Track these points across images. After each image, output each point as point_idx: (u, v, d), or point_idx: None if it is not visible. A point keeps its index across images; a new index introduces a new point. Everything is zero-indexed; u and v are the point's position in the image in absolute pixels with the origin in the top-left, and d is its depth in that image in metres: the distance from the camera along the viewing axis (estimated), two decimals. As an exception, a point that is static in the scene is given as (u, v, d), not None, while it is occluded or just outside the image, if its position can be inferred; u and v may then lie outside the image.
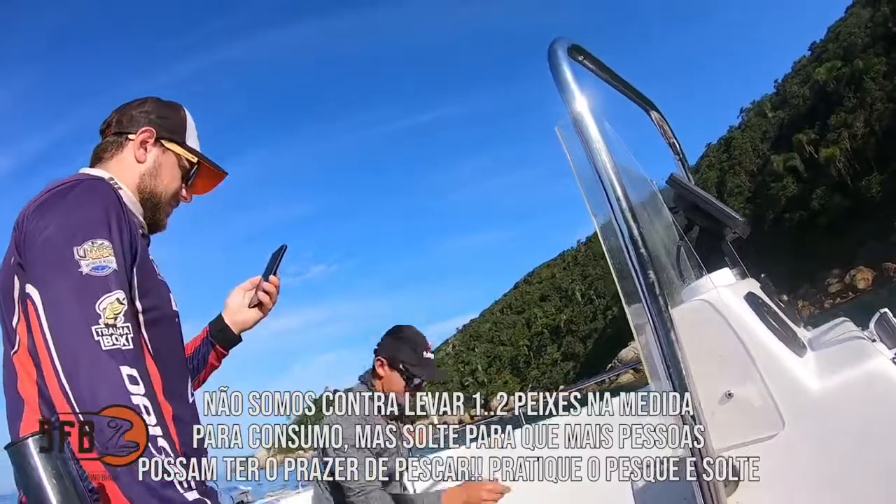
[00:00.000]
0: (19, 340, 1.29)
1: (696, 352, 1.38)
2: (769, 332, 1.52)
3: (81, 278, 1.21)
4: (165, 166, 1.58)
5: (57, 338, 1.17)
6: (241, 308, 1.79)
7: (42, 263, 1.24)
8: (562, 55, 1.47)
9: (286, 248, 1.82)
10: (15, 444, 0.96)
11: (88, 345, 1.16)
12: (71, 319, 1.18)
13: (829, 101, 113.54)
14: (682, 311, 1.54)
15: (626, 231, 1.36)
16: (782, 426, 1.41)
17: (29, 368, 1.27)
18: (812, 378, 1.45)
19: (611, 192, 1.38)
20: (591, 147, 1.40)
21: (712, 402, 1.46)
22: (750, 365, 1.46)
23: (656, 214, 1.89)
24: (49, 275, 1.22)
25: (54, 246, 1.24)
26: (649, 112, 2.46)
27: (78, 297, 1.20)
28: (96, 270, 1.22)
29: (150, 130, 1.56)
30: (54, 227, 1.26)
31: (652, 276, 1.34)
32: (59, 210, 1.29)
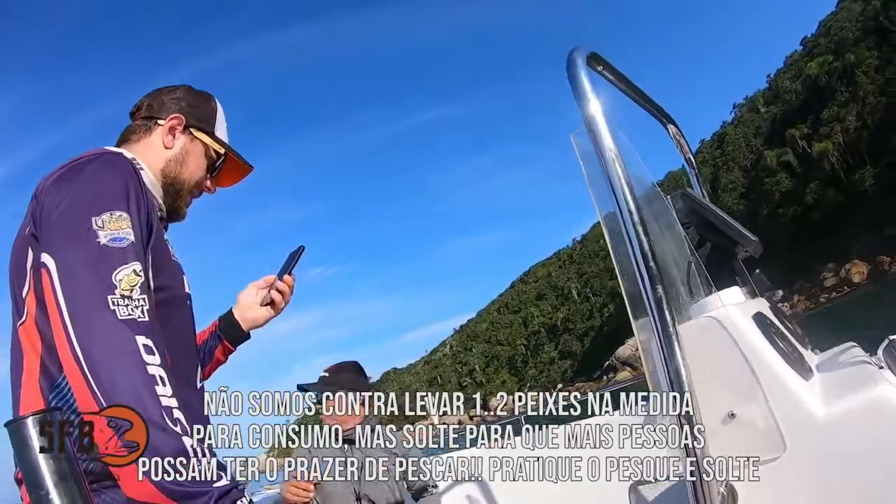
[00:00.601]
0: (27, 311, 1.28)
1: (701, 369, 1.36)
2: (776, 353, 1.50)
3: (99, 248, 1.19)
4: (192, 154, 1.58)
5: (71, 306, 1.15)
6: (253, 305, 1.78)
7: (59, 233, 1.22)
8: (580, 64, 1.46)
9: (304, 249, 1.81)
10: (14, 423, 0.95)
11: (104, 314, 1.14)
12: (86, 288, 1.17)
13: (821, 96, 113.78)
14: (689, 328, 1.52)
15: (637, 244, 1.35)
16: (784, 449, 1.40)
17: (34, 341, 1.26)
18: (817, 402, 1.43)
19: (623, 205, 1.37)
20: (606, 158, 1.39)
21: (715, 421, 1.45)
22: (755, 385, 1.45)
23: (668, 229, 1.88)
24: (65, 244, 1.21)
25: (72, 216, 1.23)
26: (666, 126, 2.45)
27: (94, 267, 1.18)
28: (114, 241, 1.21)
29: (180, 117, 1.56)
30: (72, 198, 1.25)
31: (660, 291, 1.33)
32: (77, 181, 1.28)
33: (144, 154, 1.51)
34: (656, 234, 1.62)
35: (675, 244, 1.88)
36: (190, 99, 1.61)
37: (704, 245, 2.11)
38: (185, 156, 1.56)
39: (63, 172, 1.31)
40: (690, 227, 2.05)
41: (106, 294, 1.16)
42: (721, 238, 1.99)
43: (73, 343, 1.12)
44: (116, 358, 1.12)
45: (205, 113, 1.63)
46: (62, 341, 1.14)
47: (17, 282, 1.31)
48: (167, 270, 1.39)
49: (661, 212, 1.91)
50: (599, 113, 1.42)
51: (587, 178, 1.51)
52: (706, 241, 2.09)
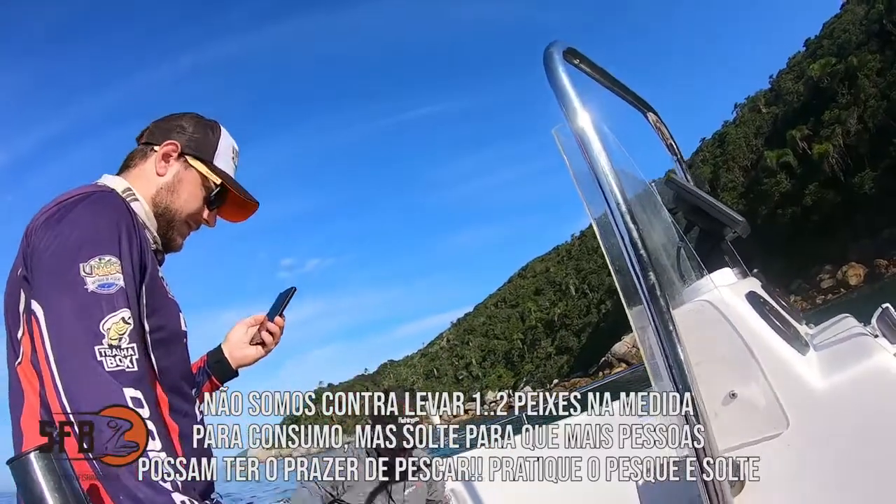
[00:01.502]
0: (23, 352, 1.27)
1: (699, 352, 1.38)
2: (771, 330, 1.51)
3: (87, 296, 1.18)
4: (185, 183, 1.53)
5: (59, 359, 1.14)
6: (243, 344, 1.76)
7: (47, 279, 1.22)
8: (558, 59, 1.47)
9: (295, 291, 1.78)
10: (17, 459, 0.95)
11: (90, 366, 1.13)
12: (73, 340, 1.16)
13: (822, 98, 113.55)
14: (683, 312, 1.54)
15: (626, 233, 1.36)
16: (787, 425, 1.41)
17: (32, 380, 1.26)
18: (816, 376, 1.44)
19: (609, 195, 1.37)
20: (589, 150, 1.39)
21: (716, 402, 1.46)
22: (753, 364, 1.46)
23: (655, 216, 1.89)
24: (53, 292, 1.20)
25: (59, 262, 1.22)
26: (646, 114, 2.45)
27: (81, 316, 1.17)
28: (102, 288, 1.20)
29: (175, 144, 1.52)
30: (60, 242, 1.23)
31: (652, 278, 1.33)
32: (65, 224, 1.26)
33: (138, 182, 1.48)
34: (644, 221, 1.63)
35: (663, 230, 1.89)
36: (192, 127, 1.57)
37: (692, 229, 2.12)
38: (177, 184, 1.51)
39: (52, 213, 1.29)
40: (678, 213, 2.06)
41: (93, 345, 1.15)
42: (708, 221, 2.00)
43: (60, 396, 1.12)
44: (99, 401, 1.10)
45: (204, 141, 1.57)
46: (51, 392, 1.13)
47: (12, 322, 1.30)
48: (162, 310, 1.38)
49: (647, 199, 1.91)
50: (580, 107, 1.42)
51: (572, 172, 1.51)
52: (694, 225, 2.10)
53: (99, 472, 1.08)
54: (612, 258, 1.48)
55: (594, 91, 1.86)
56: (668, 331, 1.32)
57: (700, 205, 1.99)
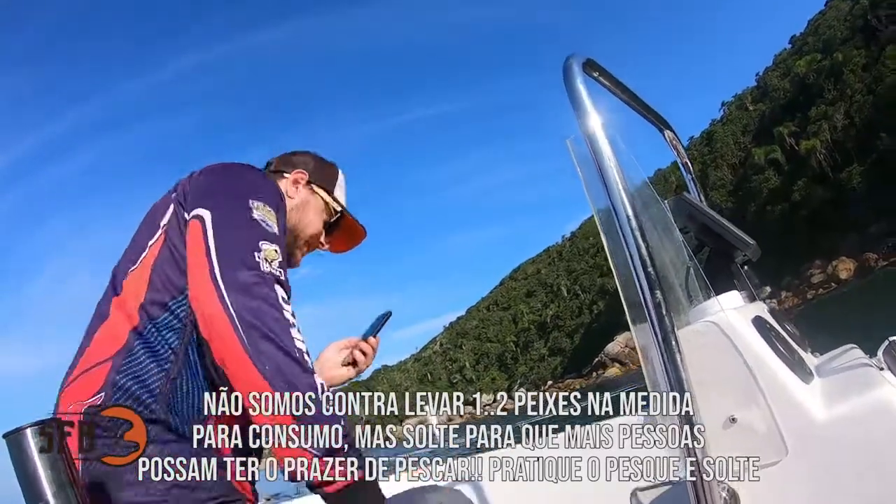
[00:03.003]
0: (145, 256, 1.34)
1: (702, 374, 1.36)
2: (776, 356, 1.50)
3: (252, 219, 1.28)
4: (311, 206, 1.69)
5: (221, 249, 1.21)
6: (336, 365, 1.82)
7: (220, 195, 1.33)
8: (577, 71, 1.47)
9: (390, 315, 1.86)
10: (13, 433, 0.94)
11: (250, 262, 1.20)
12: (237, 239, 1.24)
13: (809, 94, 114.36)
14: (688, 333, 1.53)
15: (636, 251, 1.36)
16: (786, 453, 1.41)
17: (139, 285, 1.30)
18: (818, 405, 1.44)
19: (621, 211, 1.38)
20: (603, 165, 1.39)
21: (716, 426, 1.45)
22: (755, 389, 1.45)
23: (666, 234, 1.89)
24: (224, 202, 1.31)
25: (233, 187, 1.36)
26: (663, 131, 2.46)
27: (246, 227, 1.26)
28: (263, 222, 1.29)
29: (304, 173, 1.70)
30: (235, 179, 1.41)
31: (659, 297, 1.33)
32: (239, 172, 1.45)
33: None
34: (655, 239, 1.64)
35: (673, 249, 1.88)
36: (315, 161, 1.75)
37: (703, 250, 2.12)
38: (304, 206, 1.67)
39: (227, 165, 1.47)
40: (689, 232, 2.06)
41: (253, 250, 1.22)
42: (719, 242, 2.00)
43: (218, 284, 1.16)
44: (263, 304, 1.16)
45: (327, 173, 1.76)
46: (204, 280, 1.18)
47: (145, 232, 1.38)
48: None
49: (658, 217, 1.92)
50: (597, 121, 1.42)
51: (585, 183, 1.51)
52: (704, 245, 2.10)
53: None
54: (619, 273, 1.48)
55: (611, 105, 1.86)
56: (672, 350, 1.32)
57: (711, 226, 1.99)
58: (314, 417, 1.12)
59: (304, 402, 1.11)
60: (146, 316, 1.26)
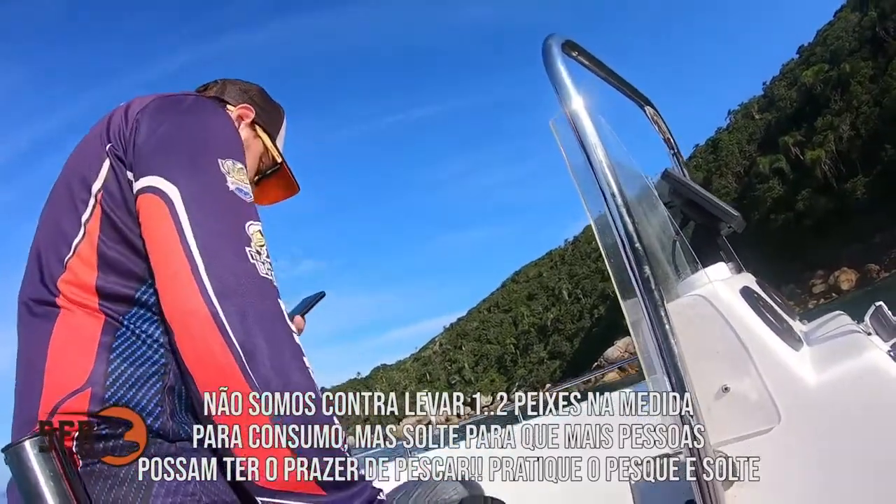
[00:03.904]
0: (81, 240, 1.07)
1: (693, 346, 1.38)
2: (765, 325, 1.52)
3: (229, 193, 1.04)
4: (251, 151, 1.43)
5: (205, 245, 0.98)
6: None
7: (179, 160, 1.05)
8: (556, 51, 1.48)
9: (324, 296, 1.71)
10: (12, 447, 0.89)
11: (244, 263, 0.99)
12: (221, 232, 1.01)
13: (815, 104, 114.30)
14: (677, 306, 1.54)
15: (622, 226, 1.37)
16: (778, 420, 1.42)
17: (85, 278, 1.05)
18: (808, 372, 1.45)
19: (606, 188, 1.38)
20: (586, 143, 1.40)
21: (709, 396, 1.47)
22: (746, 359, 1.47)
23: (651, 210, 1.90)
24: (192, 175, 1.04)
25: (197, 147, 1.08)
26: (644, 107, 2.47)
27: (226, 212, 1.03)
28: (241, 193, 1.06)
29: (251, 110, 1.45)
30: (194, 129, 1.11)
31: (647, 271, 1.34)
32: (196, 114, 1.15)
33: None
34: (641, 214, 1.65)
35: (659, 224, 1.90)
36: (262, 99, 1.51)
37: (688, 223, 2.13)
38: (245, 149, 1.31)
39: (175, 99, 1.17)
40: (674, 207, 2.06)
41: (243, 244, 1.01)
42: (704, 216, 2.00)
43: (207, 292, 0.94)
44: (272, 322, 0.98)
45: (273, 118, 1.52)
46: (187, 277, 0.96)
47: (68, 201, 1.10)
48: None
49: (644, 192, 1.93)
50: (578, 99, 1.43)
51: (569, 164, 1.52)
52: (689, 219, 2.11)
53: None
54: (607, 250, 1.49)
55: (593, 85, 1.87)
56: (662, 324, 1.33)
57: (695, 199, 1.99)
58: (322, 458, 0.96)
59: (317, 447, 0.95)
60: (113, 312, 1.04)
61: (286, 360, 0.97)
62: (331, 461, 0.96)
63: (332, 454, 0.96)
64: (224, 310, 0.94)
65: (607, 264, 1.50)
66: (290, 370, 0.97)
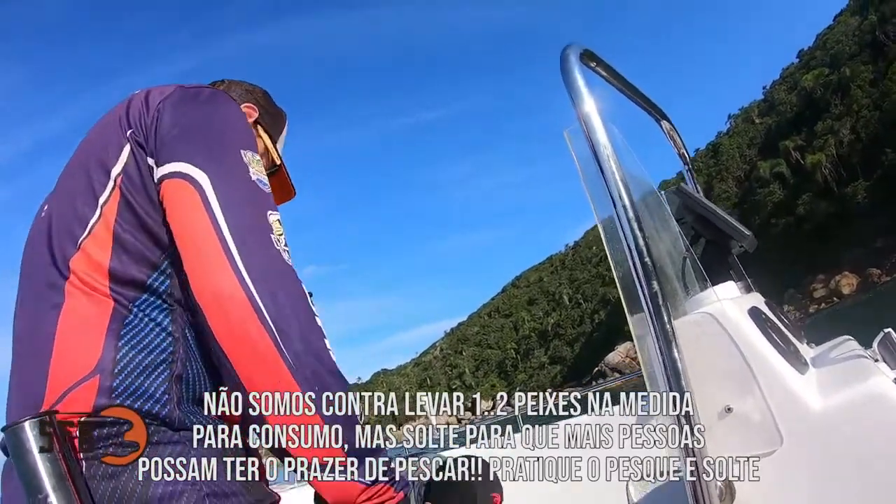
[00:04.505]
0: (97, 221, 1.07)
1: (698, 364, 1.37)
2: (771, 347, 1.51)
3: (252, 182, 1.08)
4: None
5: (236, 231, 1.01)
6: None
7: (207, 145, 1.09)
8: (574, 60, 1.47)
9: (310, 295, 1.73)
10: (11, 427, 0.90)
11: (273, 251, 1.04)
12: (249, 218, 1.04)
13: (816, 108, 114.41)
14: (684, 323, 1.53)
15: (632, 240, 1.35)
16: (781, 443, 1.41)
17: (99, 260, 1.05)
18: (813, 396, 1.44)
19: (618, 201, 1.37)
20: (600, 154, 1.39)
21: (712, 415, 1.45)
22: (751, 380, 1.45)
23: (662, 225, 1.89)
24: (218, 158, 1.07)
25: (221, 137, 1.12)
26: (660, 122, 2.46)
27: (251, 200, 1.07)
28: (261, 183, 1.10)
29: (255, 109, 1.47)
30: (217, 120, 1.14)
31: (655, 287, 1.32)
32: (216, 106, 1.17)
33: None
34: (651, 229, 1.64)
35: (670, 239, 1.88)
36: (266, 100, 1.54)
37: (699, 240, 2.12)
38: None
39: (192, 91, 1.19)
40: (685, 223, 2.06)
41: (268, 232, 1.05)
42: (716, 233, 1.99)
43: (239, 270, 0.98)
44: (299, 303, 1.04)
45: (276, 120, 1.55)
46: (221, 261, 0.99)
47: (84, 182, 1.11)
48: None
49: (655, 207, 1.92)
50: (594, 110, 1.42)
51: (582, 174, 1.52)
52: (701, 236, 2.10)
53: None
54: (615, 264, 1.49)
55: (609, 96, 1.86)
56: (668, 340, 1.32)
57: (708, 216, 1.98)
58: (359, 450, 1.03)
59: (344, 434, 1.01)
60: (123, 298, 1.04)
61: (314, 340, 1.04)
62: (358, 429, 1.04)
63: (358, 423, 1.05)
64: (259, 292, 0.98)
65: (615, 277, 1.49)
66: (318, 349, 1.04)
